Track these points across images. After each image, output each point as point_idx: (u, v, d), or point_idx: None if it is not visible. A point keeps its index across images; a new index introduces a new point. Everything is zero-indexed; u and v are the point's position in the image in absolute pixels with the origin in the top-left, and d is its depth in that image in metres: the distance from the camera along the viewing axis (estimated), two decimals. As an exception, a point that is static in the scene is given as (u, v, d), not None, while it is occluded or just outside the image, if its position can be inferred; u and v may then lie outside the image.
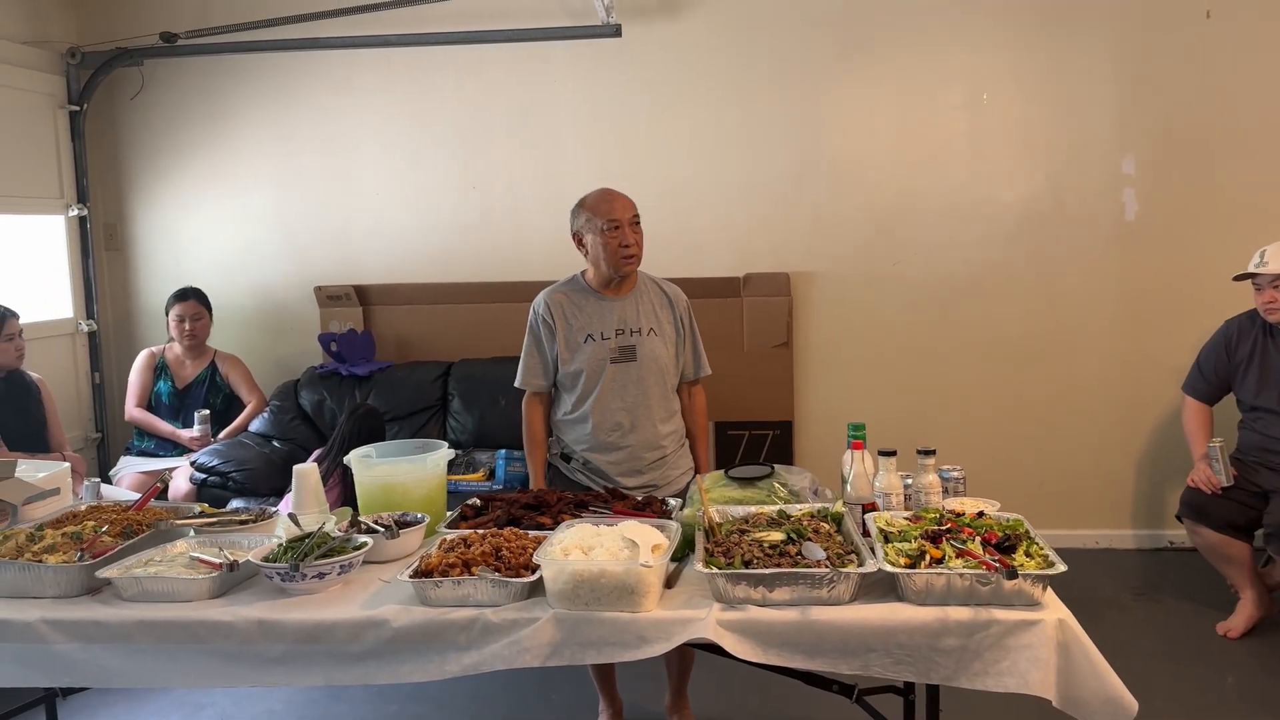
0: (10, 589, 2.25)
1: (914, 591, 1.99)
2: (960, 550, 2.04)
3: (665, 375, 3.14)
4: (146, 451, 4.78)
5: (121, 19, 5.23)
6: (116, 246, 5.50)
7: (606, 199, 3.08)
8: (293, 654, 2.10)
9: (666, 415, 3.17)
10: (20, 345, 4.29)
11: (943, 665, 1.96)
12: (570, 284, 3.20)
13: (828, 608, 1.99)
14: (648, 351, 3.10)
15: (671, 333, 3.16)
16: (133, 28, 5.17)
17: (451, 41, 4.97)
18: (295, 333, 5.39)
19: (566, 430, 3.20)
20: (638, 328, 3.10)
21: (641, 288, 3.18)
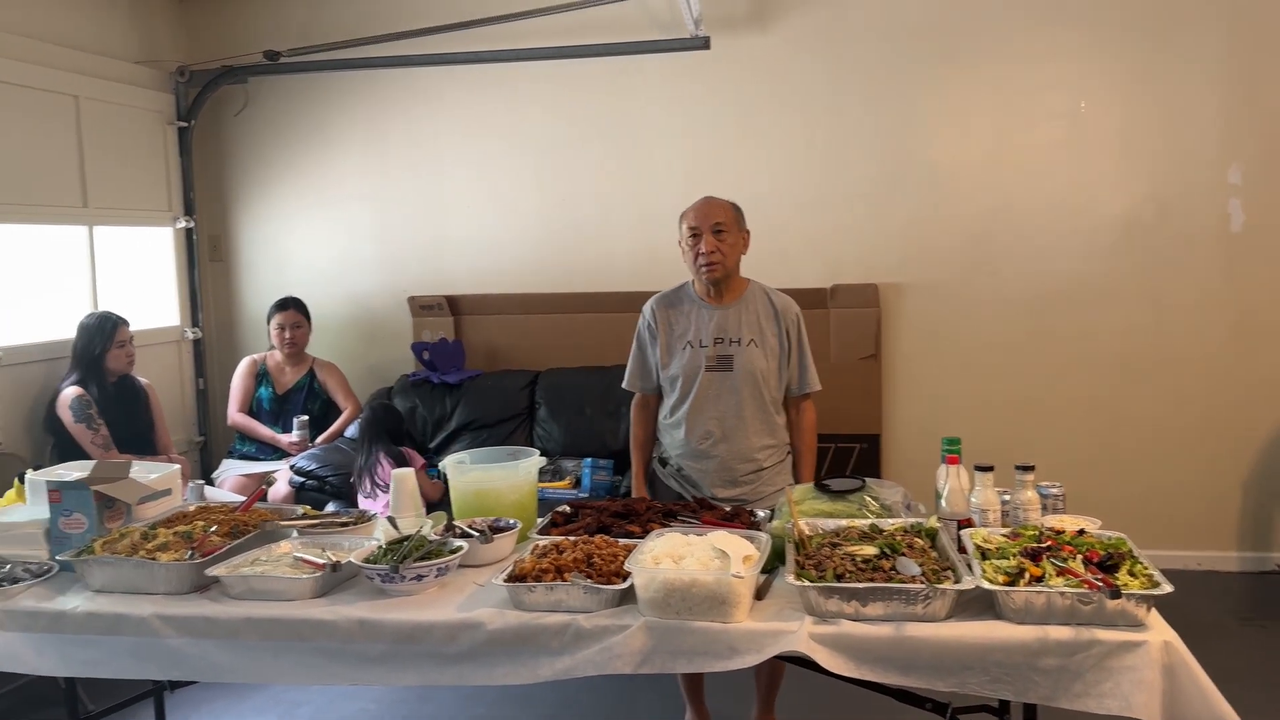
0: (125, 585, 2.34)
1: (1013, 610, 1.95)
2: (1061, 568, 2.00)
3: (763, 387, 3.11)
4: (247, 455, 4.93)
5: (228, 38, 5.43)
6: (220, 257, 5.70)
7: (692, 207, 3.12)
8: (391, 653, 2.14)
9: (763, 428, 3.13)
10: (131, 352, 4.47)
11: (1041, 685, 1.92)
12: (678, 291, 3.24)
13: (923, 624, 1.97)
14: (745, 362, 3.08)
15: (775, 345, 3.13)
16: (238, 46, 5.36)
17: (542, 57, 5.04)
18: (389, 341, 5.51)
19: (665, 434, 3.22)
20: (737, 337, 3.10)
21: (749, 297, 3.16)
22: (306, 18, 5.34)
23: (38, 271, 4.62)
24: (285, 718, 3.64)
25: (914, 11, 4.84)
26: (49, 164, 4.65)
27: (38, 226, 4.63)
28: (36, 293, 4.59)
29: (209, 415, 5.57)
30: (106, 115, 4.96)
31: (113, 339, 4.39)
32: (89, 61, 4.85)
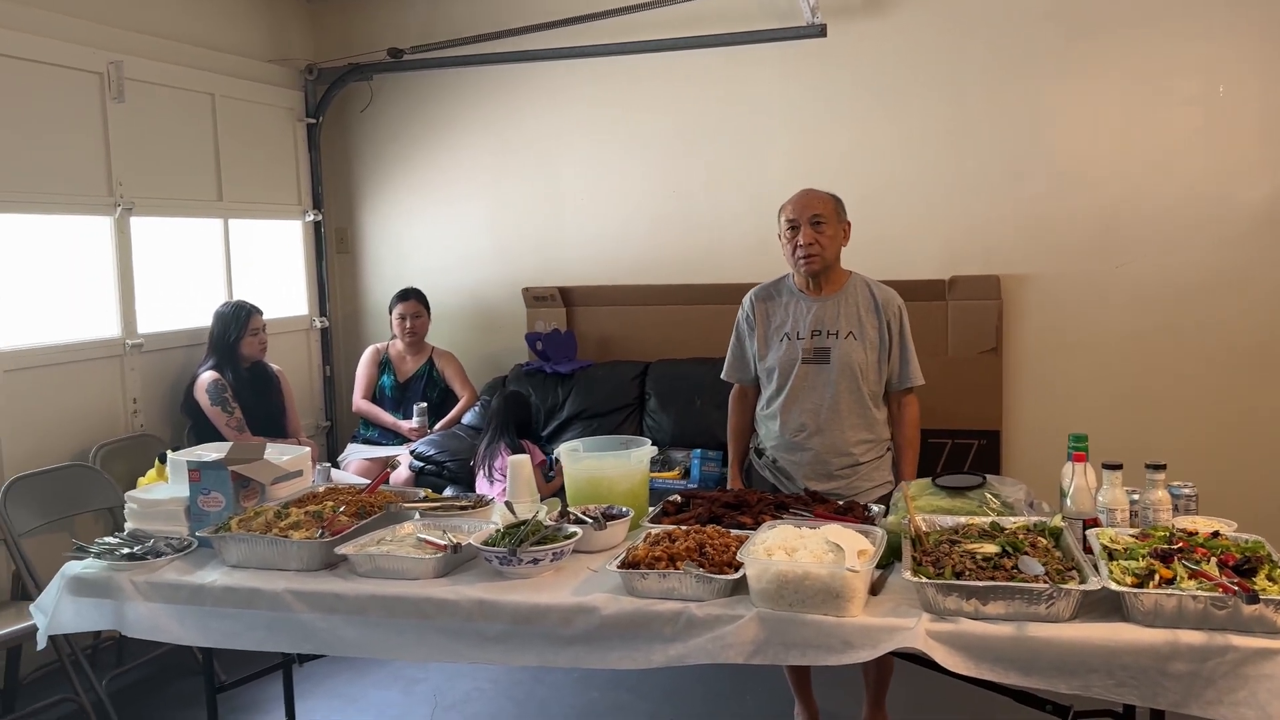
0: (260, 561, 2.44)
1: (1141, 612, 1.88)
2: (1194, 571, 1.91)
3: (861, 381, 3.04)
4: (370, 440, 5.08)
5: (354, 37, 5.59)
6: (346, 249, 5.88)
7: (791, 200, 3.08)
8: (509, 634, 2.18)
9: (860, 422, 3.06)
10: (263, 339, 4.65)
11: (1171, 690, 1.84)
12: (777, 283, 3.20)
13: (1046, 624, 1.91)
14: (842, 355, 3.02)
15: (875, 337, 3.05)
16: (364, 45, 5.51)
17: (657, 49, 5.03)
18: (504, 331, 5.59)
19: (761, 426, 3.20)
20: (835, 330, 3.04)
21: (850, 289, 3.10)
22: (428, 16, 5.46)
23: (176, 262, 4.82)
24: (405, 693, 3.76)
25: (1039, -7, 4.68)
26: (188, 159, 4.86)
27: (178, 220, 4.84)
28: (175, 283, 4.79)
29: (335, 401, 5.76)
30: (240, 112, 5.16)
31: (246, 326, 4.58)
32: (225, 61, 5.04)
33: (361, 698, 3.74)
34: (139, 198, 4.50)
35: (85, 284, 4.34)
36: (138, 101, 4.49)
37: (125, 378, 4.45)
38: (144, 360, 4.53)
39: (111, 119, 4.38)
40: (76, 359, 4.22)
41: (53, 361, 4.11)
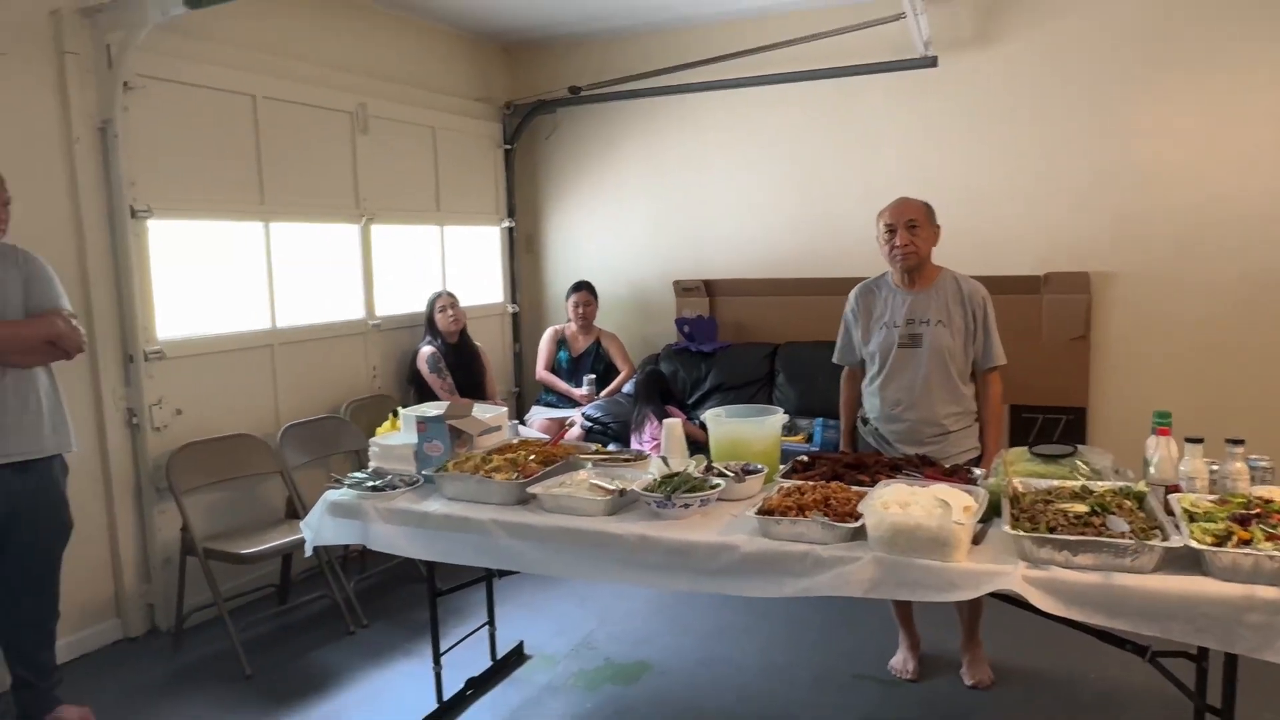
0: (470, 496, 2.53)
1: (1220, 568, 1.76)
2: (1270, 534, 1.78)
3: (950, 362, 2.93)
4: (550, 404, 5.20)
5: (542, 78, 5.69)
6: (532, 250, 6.02)
7: (888, 207, 2.98)
8: (665, 564, 2.21)
9: (949, 397, 2.95)
10: (452, 315, 4.75)
11: (1249, 638, 1.71)
12: (878, 279, 3.12)
13: (1130, 574, 1.81)
14: (933, 340, 2.92)
15: (961, 325, 2.94)
16: (549, 84, 5.61)
17: (787, 80, 4.95)
18: (657, 316, 5.63)
19: (866, 399, 3.13)
20: (926, 319, 2.95)
21: (940, 283, 2.99)
22: (602, 58, 5.51)
23: (405, 260, 5.04)
24: (579, 607, 3.86)
25: (1127, 25, 4.36)
26: (414, 179, 5.07)
27: (406, 226, 5.06)
28: (403, 276, 5.00)
29: (522, 371, 5.92)
30: (453, 141, 5.33)
31: (435, 305, 4.75)
32: (442, 100, 5.22)
33: (544, 608, 3.85)
34: (378, 210, 4.73)
35: (338, 278, 4.59)
36: (378, 134, 4.71)
37: (368, 350, 4.69)
38: (381, 337, 4.76)
39: (358, 148, 4.60)
40: (333, 335, 4.48)
41: (315, 337, 4.38)
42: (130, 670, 3.39)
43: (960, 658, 3.15)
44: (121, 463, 3.57)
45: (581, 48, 5.60)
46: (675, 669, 3.30)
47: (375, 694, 3.18)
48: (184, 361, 3.75)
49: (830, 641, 3.47)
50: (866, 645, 3.39)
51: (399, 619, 3.78)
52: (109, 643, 3.58)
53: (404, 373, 4.82)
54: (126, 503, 3.60)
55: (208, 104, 3.84)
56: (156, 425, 3.64)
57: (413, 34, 5.06)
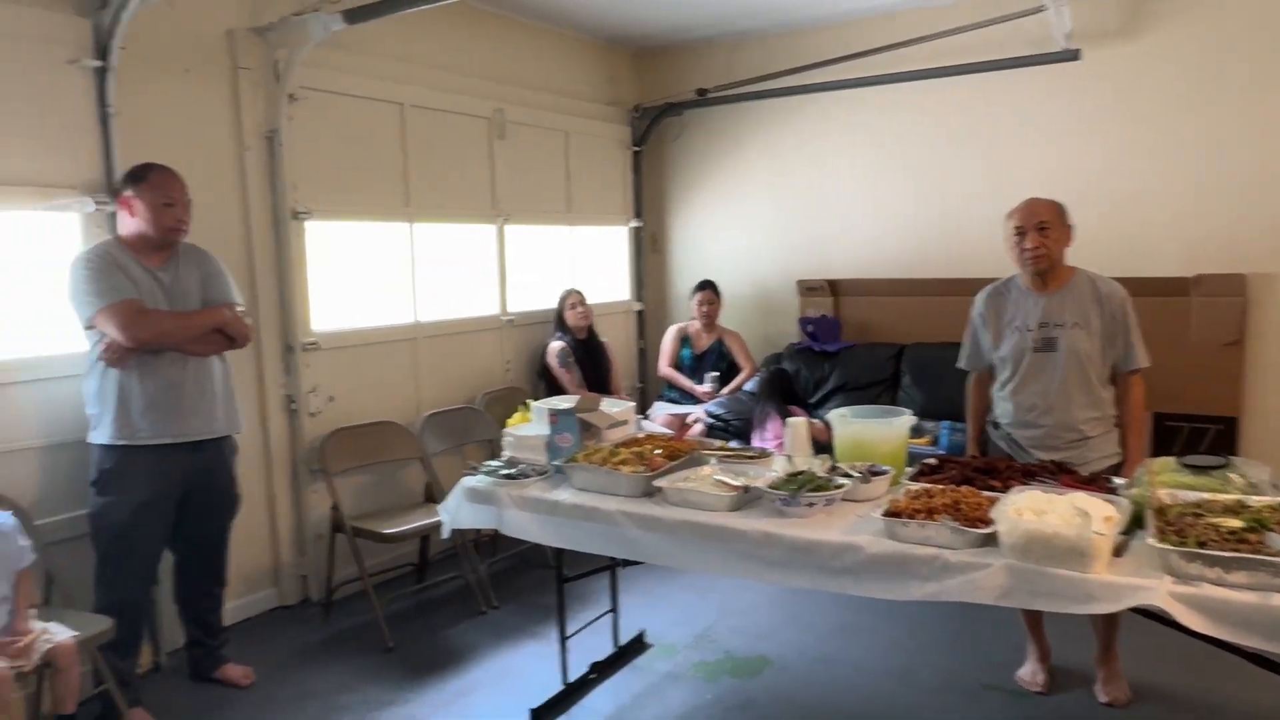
0: (598, 486, 2.58)
1: (1397, 596, 1.61)
2: None
3: (1087, 366, 2.78)
4: (672, 400, 5.22)
5: (669, 81, 5.72)
6: (658, 249, 6.07)
7: (1017, 208, 2.84)
8: (788, 561, 2.19)
9: (1087, 402, 2.80)
10: (584, 312, 4.86)
11: None
12: (1007, 282, 2.99)
13: (1292, 596, 1.68)
14: (1069, 343, 2.77)
15: (1099, 326, 2.78)
16: (677, 87, 5.63)
17: (917, 78, 4.80)
18: (779, 315, 5.56)
19: (997, 404, 3.00)
20: (1061, 321, 2.80)
21: (1075, 285, 2.83)
22: (728, 61, 5.50)
23: (537, 259, 5.17)
24: (699, 599, 3.87)
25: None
26: (547, 182, 5.19)
27: (539, 227, 5.18)
28: (535, 274, 5.13)
29: (645, 368, 5.98)
30: (584, 144, 5.43)
31: (566, 301, 4.85)
32: (574, 105, 5.33)
33: (666, 598, 3.89)
34: (513, 211, 4.88)
35: (475, 275, 4.76)
36: (514, 139, 4.85)
37: (502, 344, 4.85)
38: (514, 332, 4.91)
39: (496, 152, 4.76)
40: (469, 330, 4.66)
41: (454, 331, 4.56)
42: (285, 636, 3.63)
43: (1094, 672, 2.98)
44: (280, 445, 3.83)
45: (709, 50, 5.59)
46: (795, 665, 3.27)
47: (504, 672, 3.29)
48: (336, 352, 3.98)
49: (956, 648, 3.35)
50: (993, 654, 3.26)
51: (527, 602, 3.90)
52: (267, 609, 3.85)
53: (535, 366, 4.96)
54: (284, 482, 3.85)
55: (361, 113, 4.06)
56: (311, 411, 3.88)
57: (547, 41, 5.18)
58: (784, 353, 5.33)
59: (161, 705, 3.02)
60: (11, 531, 2.63)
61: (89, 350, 2.87)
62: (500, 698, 3.10)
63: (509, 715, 2.97)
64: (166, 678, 3.28)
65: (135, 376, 2.82)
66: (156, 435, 2.85)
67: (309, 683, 3.24)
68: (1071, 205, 2.87)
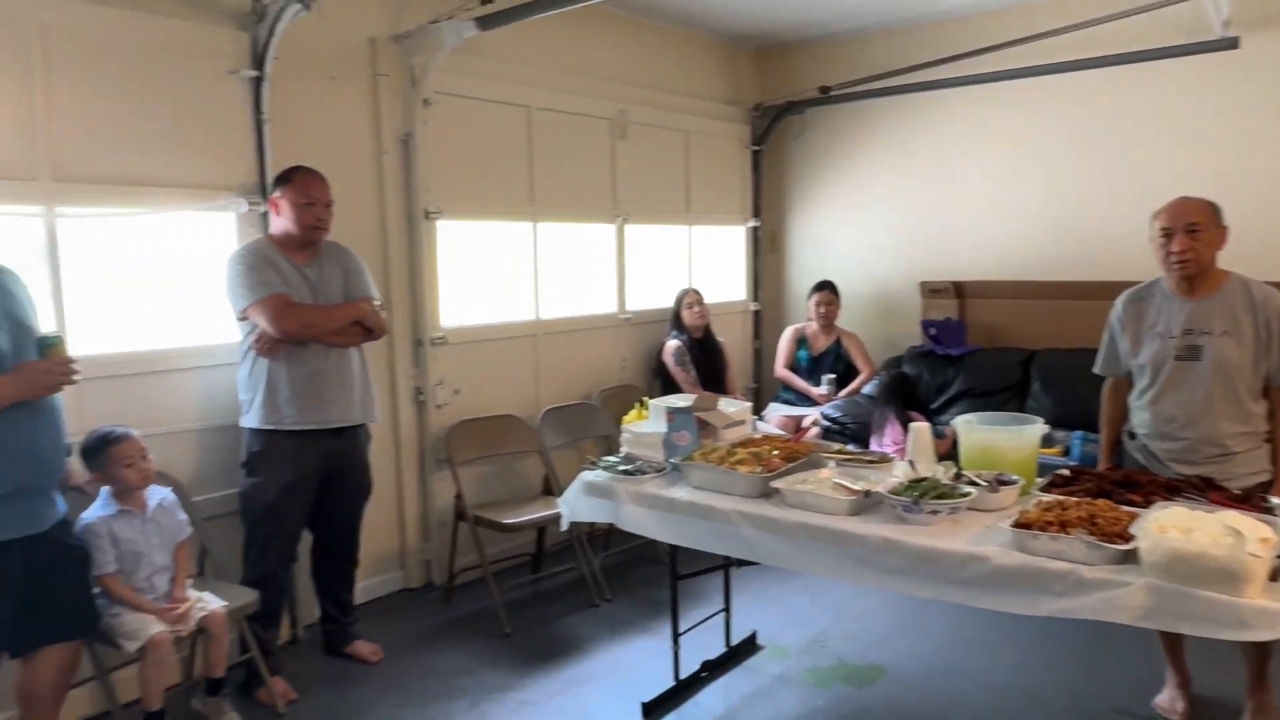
0: (714, 485, 2.59)
1: None
2: None
3: (1235, 377, 2.59)
4: (788, 401, 5.17)
5: (791, 79, 5.67)
6: (775, 249, 6.01)
7: (1165, 208, 2.67)
8: (909, 569, 2.15)
9: (1234, 415, 2.61)
10: (701, 312, 4.86)
11: None
12: (1149, 286, 2.82)
13: None
14: (1215, 352, 2.59)
15: (1251, 336, 2.59)
16: (799, 85, 5.57)
17: (1055, 71, 4.57)
18: (900, 317, 5.43)
19: (1134, 413, 2.83)
20: (1209, 329, 2.61)
21: (1227, 290, 2.64)
22: (853, 57, 5.40)
23: (655, 258, 5.21)
24: (812, 603, 3.83)
25: None
26: (667, 182, 5.23)
27: (658, 226, 5.23)
28: (653, 273, 5.18)
29: (761, 368, 5.94)
30: (704, 144, 5.44)
31: (683, 301, 4.86)
32: (695, 105, 5.35)
33: (778, 600, 3.86)
34: (632, 211, 4.94)
35: (595, 274, 4.84)
36: (636, 139, 4.92)
37: (619, 342, 4.92)
38: (631, 330, 4.98)
39: (617, 153, 4.84)
40: (588, 328, 4.75)
41: (573, 329, 4.66)
42: (409, 617, 3.80)
43: (1242, 704, 2.78)
44: (409, 434, 4.00)
45: (832, 47, 5.51)
46: (911, 676, 3.19)
47: (617, 665, 3.34)
48: (462, 347, 4.13)
49: (1086, 668, 3.19)
50: (1126, 676, 3.09)
51: (639, 597, 3.95)
52: (393, 591, 4.04)
53: (650, 364, 5.01)
54: (411, 470, 4.03)
55: (489, 116, 4.20)
56: (438, 403, 4.04)
57: (670, 42, 5.22)
58: (904, 356, 5.20)
59: (298, 675, 3.22)
60: (172, 506, 2.87)
61: (241, 340, 3.09)
62: (612, 689, 3.15)
63: (620, 707, 3.02)
64: (302, 650, 3.49)
65: (283, 366, 3.02)
66: (300, 421, 3.04)
67: (431, 663, 3.38)
68: (1226, 205, 2.69)
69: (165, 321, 3.22)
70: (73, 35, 2.91)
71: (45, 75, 2.86)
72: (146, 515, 2.77)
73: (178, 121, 3.18)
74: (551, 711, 3.03)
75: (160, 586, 2.77)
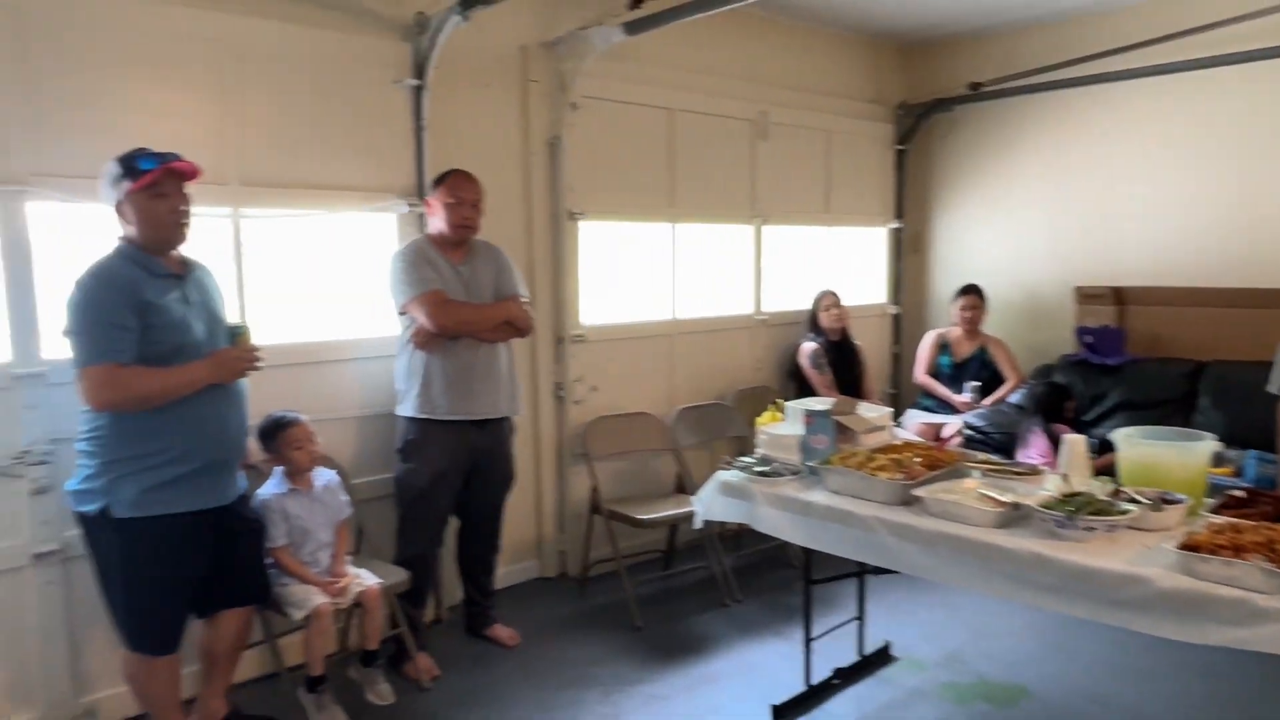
0: (852, 491, 2.56)
1: None
2: None
3: None
4: (927, 408, 5.01)
5: (939, 76, 5.50)
6: (918, 251, 5.85)
7: None
8: (1061, 587, 2.06)
9: None
10: (839, 314, 4.79)
11: None
12: None
13: None
14: None
15: None
16: (947, 82, 5.40)
17: (1231, 62, 4.24)
18: (1051, 324, 5.17)
19: None
20: None
21: None
22: (1005, 52, 5.18)
23: (792, 259, 5.16)
24: (949, 617, 3.72)
25: None
26: (805, 182, 5.18)
27: (796, 227, 5.19)
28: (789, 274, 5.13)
29: (899, 374, 5.80)
30: (845, 144, 5.36)
31: (820, 303, 4.80)
32: (837, 104, 5.28)
33: (914, 612, 3.77)
34: (771, 211, 4.93)
35: (731, 275, 4.85)
36: (776, 140, 4.90)
37: (753, 343, 4.92)
38: (766, 331, 4.96)
39: (757, 154, 4.84)
40: (723, 328, 4.78)
41: (709, 329, 4.70)
42: (544, 605, 3.94)
43: None
44: (548, 429, 4.15)
45: (983, 42, 5.31)
46: (1059, 701, 3.05)
47: (747, 666, 3.35)
48: (600, 345, 4.24)
49: (1257, 705, 2.97)
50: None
51: (769, 600, 3.94)
52: (529, 579, 4.19)
53: (785, 366, 4.98)
54: (550, 463, 4.17)
55: (632, 118, 4.30)
56: (576, 399, 4.17)
57: (812, 41, 5.17)
58: (1056, 364, 4.95)
59: (442, 653, 3.40)
60: (336, 487, 3.09)
61: (401, 334, 3.29)
62: (742, 689, 3.17)
63: (750, 707, 3.03)
64: (446, 629, 3.68)
65: (438, 358, 3.20)
66: (452, 412, 3.21)
67: (565, 651, 3.49)
68: None
69: (331, 315, 3.46)
70: (260, 52, 3.17)
71: (239, 89, 3.13)
72: (313, 495, 3.00)
73: (346, 129, 3.41)
74: (682, 706, 3.08)
75: (322, 561, 3.00)
